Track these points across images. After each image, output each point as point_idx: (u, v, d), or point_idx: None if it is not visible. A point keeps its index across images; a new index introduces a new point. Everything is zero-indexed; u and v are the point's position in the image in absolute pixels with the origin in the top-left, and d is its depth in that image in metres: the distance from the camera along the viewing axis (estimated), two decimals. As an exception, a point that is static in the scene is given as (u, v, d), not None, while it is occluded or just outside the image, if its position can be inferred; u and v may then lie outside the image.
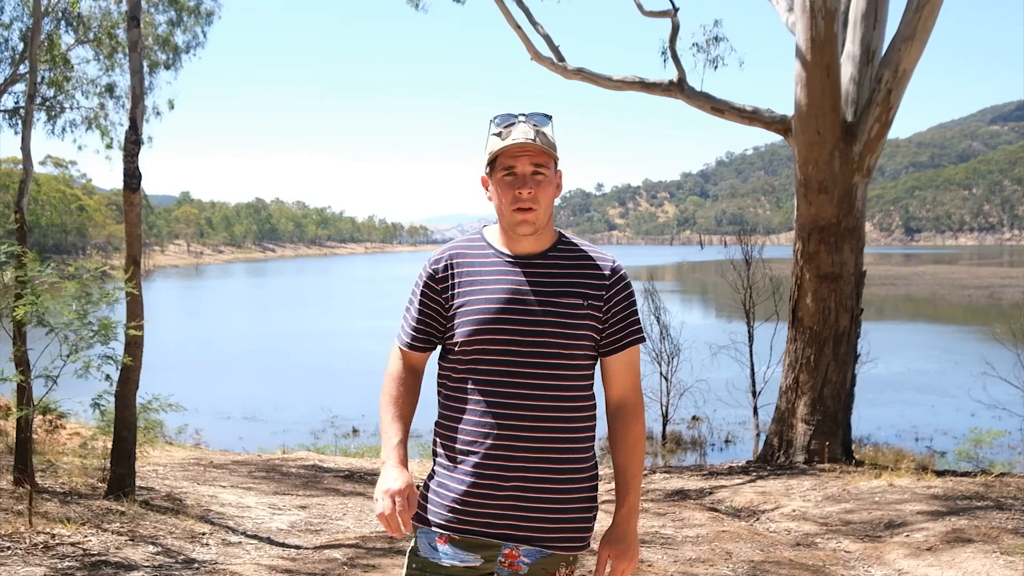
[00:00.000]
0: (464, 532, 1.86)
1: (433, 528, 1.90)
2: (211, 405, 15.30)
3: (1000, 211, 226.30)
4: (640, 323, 1.98)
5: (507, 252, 1.92)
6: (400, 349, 1.99)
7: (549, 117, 1.91)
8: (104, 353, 5.32)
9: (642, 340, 1.97)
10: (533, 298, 1.86)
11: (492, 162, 1.88)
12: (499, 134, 1.86)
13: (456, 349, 1.89)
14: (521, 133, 1.84)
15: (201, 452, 9.79)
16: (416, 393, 2.01)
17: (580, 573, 1.96)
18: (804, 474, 7.59)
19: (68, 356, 5.14)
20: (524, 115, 1.88)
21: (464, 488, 1.87)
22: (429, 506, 1.92)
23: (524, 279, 1.88)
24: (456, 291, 1.92)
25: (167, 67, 13.57)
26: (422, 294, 1.95)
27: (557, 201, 1.95)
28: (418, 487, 1.93)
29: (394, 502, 1.80)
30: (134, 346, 5.75)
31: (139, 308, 5.78)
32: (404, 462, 1.89)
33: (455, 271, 1.93)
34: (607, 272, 1.92)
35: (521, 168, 1.85)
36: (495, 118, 1.90)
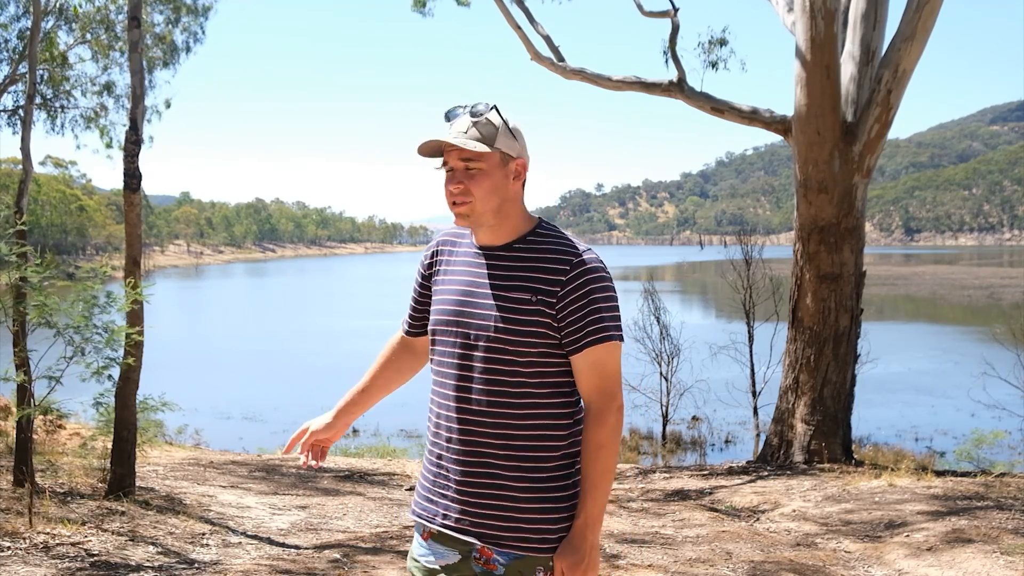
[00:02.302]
0: (433, 525, 1.88)
1: (415, 520, 1.94)
2: (211, 405, 15.31)
3: (1000, 211, 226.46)
4: (609, 321, 1.79)
5: (475, 244, 1.93)
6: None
7: (493, 106, 1.86)
8: (108, 356, 5.33)
9: (607, 340, 1.78)
10: (485, 291, 1.84)
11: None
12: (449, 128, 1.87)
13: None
14: (455, 127, 1.84)
15: (201, 452, 9.79)
16: (401, 366, 2.16)
17: None
18: (804, 474, 7.59)
19: (72, 358, 5.15)
20: (464, 106, 1.86)
21: (430, 481, 1.90)
22: (415, 497, 1.96)
23: (482, 272, 1.86)
24: (434, 279, 2.00)
25: (166, 64, 13.59)
26: (417, 278, 2.08)
27: (555, 201, 1.93)
28: (412, 488, 1.98)
29: (302, 433, 2.17)
30: (135, 347, 5.75)
31: (140, 311, 5.78)
32: (339, 411, 2.17)
33: (437, 259, 2.01)
34: (567, 265, 1.79)
35: (452, 162, 1.85)
36: (447, 111, 1.90)
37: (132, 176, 5.87)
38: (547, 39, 10.29)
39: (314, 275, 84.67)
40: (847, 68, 8.29)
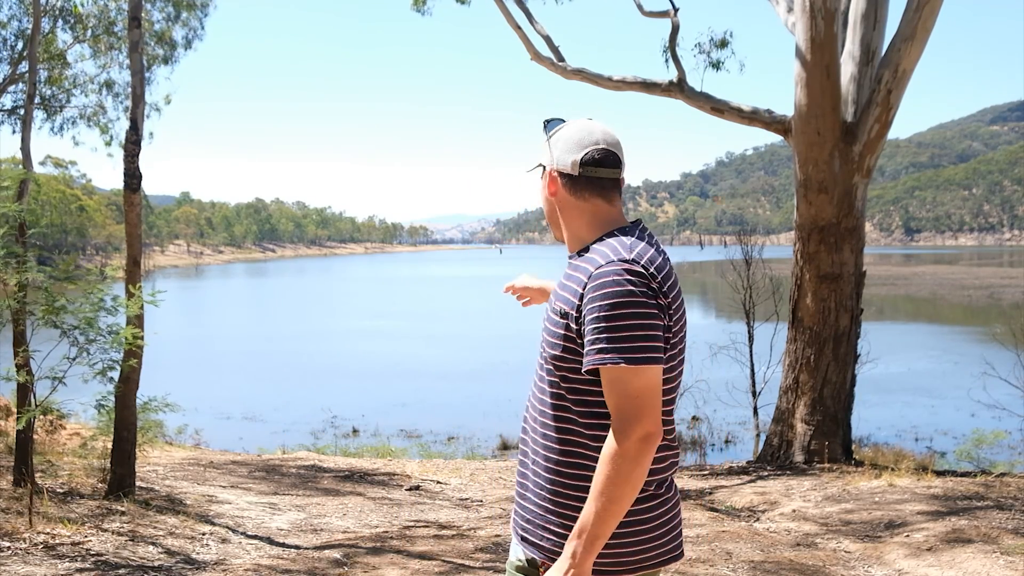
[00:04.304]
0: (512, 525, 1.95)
1: None
2: (211, 405, 15.30)
3: (1000, 211, 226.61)
4: (610, 342, 1.64)
5: None
6: None
7: (544, 122, 1.91)
8: (110, 357, 5.33)
9: (608, 363, 1.64)
10: (548, 305, 1.86)
11: None
12: None
13: None
14: None
15: (201, 452, 9.79)
16: None
17: None
18: (804, 474, 7.59)
19: (75, 359, 5.15)
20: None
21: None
22: None
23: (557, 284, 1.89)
24: None
25: (165, 61, 13.60)
26: None
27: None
28: (418, 487, 1.99)
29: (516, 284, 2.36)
30: (136, 348, 5.74)
31: (142, 312, 5.77)
32: (542, 285, 2.31)
33: None
34: (586, 277, 1.71)
35: None
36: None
37: (132, 176, 5.87)
38: (547, 39, 10.28)
39: (314, 275, 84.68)
40: (847, 68, 8.29)
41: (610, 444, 1.65)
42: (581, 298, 1.71)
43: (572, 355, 1.74)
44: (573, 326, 1.72)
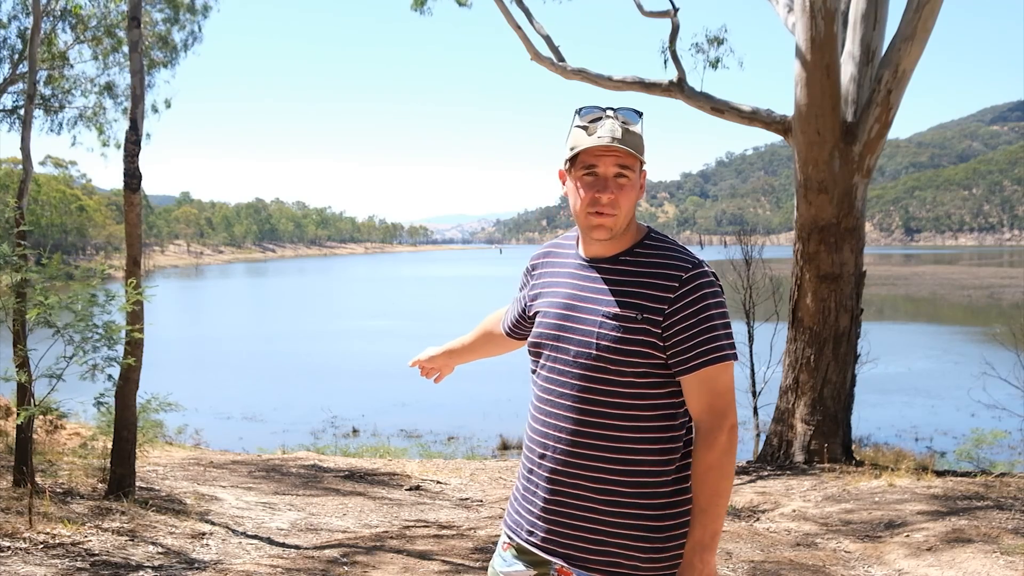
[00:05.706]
0: (518, 539, 1.84)
1: (504, 530, 1.90)
2: (211, 405, 15.30)
3: (1000, 211, 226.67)
4: (723, 339, 1.69)
5: (582, 255, 1.82)
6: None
7: (640, 114, 1.76)
8: (107, 355, 5.33)
9: (720, 360, 1.68)
10: (588, 307, 1.74)
11: (573, 157, 1.74)
12: (585, 128, 1.72)
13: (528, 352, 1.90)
14: (608, 131, 1.69)
15: (201, 452, 9.78)
16: (497, 346, 2.19)
17: None
18: (804, 474, 7.59)
19: (72, 357, 5.15)
20: (613, 109, 1.73)
21: (520, 495, 1.85)
22: (508, 507, 1.92)
23: (587, 286, 1.77)
24: (535, 291, 1.91)
25: (165, 65, 13.60)
26: (520, 286, 2.00)
27: (555, 201, 1.92)
28: (418, 487, 1.98)
29: (421, 359, 2.30)
30: (135, 346, 5.74)
31: (140, 310, 5.78)
32: (446, 351, 2.27)
33: (541, 270, 1.92)
34: (675, 281, 1.69)
35: (604, 169, 1.71)
36: (580, 109, 1.76)
37: (132, 176, 5.86)
38: (547, 39, 10.28)
39: (314, 275, 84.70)
40: (847, 68, 8.29)
41: (706, 444, 1.69)
42: (670, 301, 1.68)
43: (644, 358, 1.69)
44: (654, 329, 1.68)
